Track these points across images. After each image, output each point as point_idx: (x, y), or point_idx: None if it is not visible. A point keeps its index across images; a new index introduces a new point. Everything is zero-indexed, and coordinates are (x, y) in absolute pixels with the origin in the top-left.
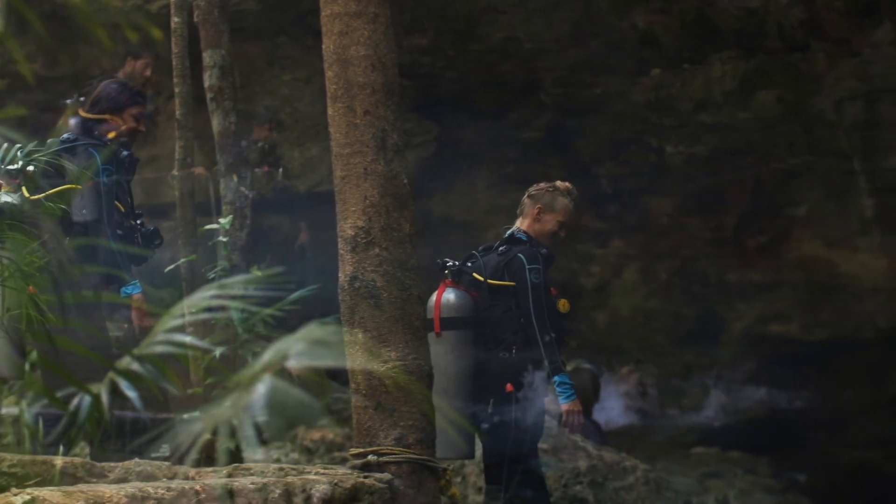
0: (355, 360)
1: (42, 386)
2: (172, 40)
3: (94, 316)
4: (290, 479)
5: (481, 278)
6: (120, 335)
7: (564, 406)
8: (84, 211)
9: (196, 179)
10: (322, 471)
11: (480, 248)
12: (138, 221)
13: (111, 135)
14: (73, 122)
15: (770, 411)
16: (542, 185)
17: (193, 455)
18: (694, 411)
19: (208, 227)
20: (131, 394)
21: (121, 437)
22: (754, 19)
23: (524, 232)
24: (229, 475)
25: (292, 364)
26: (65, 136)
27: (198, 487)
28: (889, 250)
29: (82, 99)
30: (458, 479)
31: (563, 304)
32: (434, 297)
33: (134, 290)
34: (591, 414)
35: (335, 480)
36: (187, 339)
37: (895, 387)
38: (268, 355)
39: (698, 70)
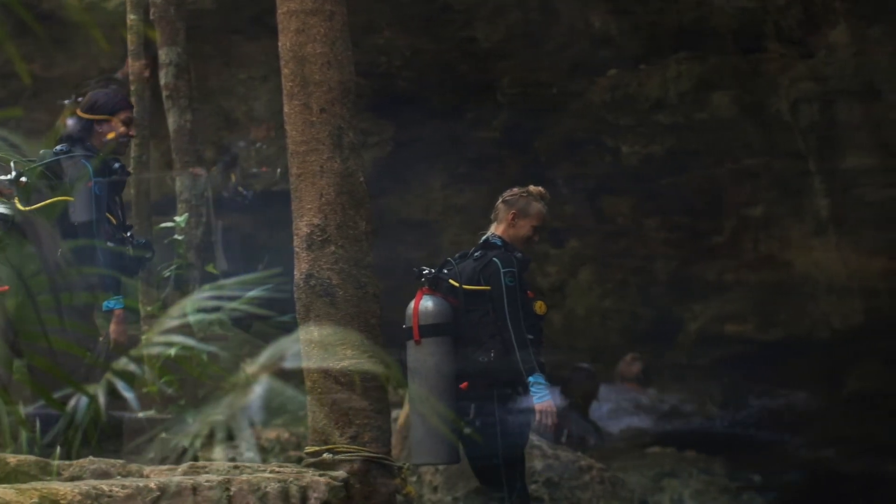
0: (310, 358)
1: (36, 385)
2: (128, 38)
3: (87, 318)
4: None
5: (457, 284)
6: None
7: (538, 406)
8: (76, 220)
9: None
10: (277, 469)
11: (457, 254)
12: (129, 234)
13: (111, 135)
14: (70, 122)
15: (726, 411)
16: (515, 190)
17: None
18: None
19: (163, 224)
20: (128, 394)
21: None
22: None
23: (499, 237)
24: (185, 473)
25: (254, 366)
26: (58, 147)
27: (152, 485)
28: (844, 251)
29: (80, 100)
30: (414, 478)
31: (539, 306)
32: (412, 305)
33: (116, 306)
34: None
35: (290, 479)
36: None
37: (850, 386)
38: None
39: (654, 70)
